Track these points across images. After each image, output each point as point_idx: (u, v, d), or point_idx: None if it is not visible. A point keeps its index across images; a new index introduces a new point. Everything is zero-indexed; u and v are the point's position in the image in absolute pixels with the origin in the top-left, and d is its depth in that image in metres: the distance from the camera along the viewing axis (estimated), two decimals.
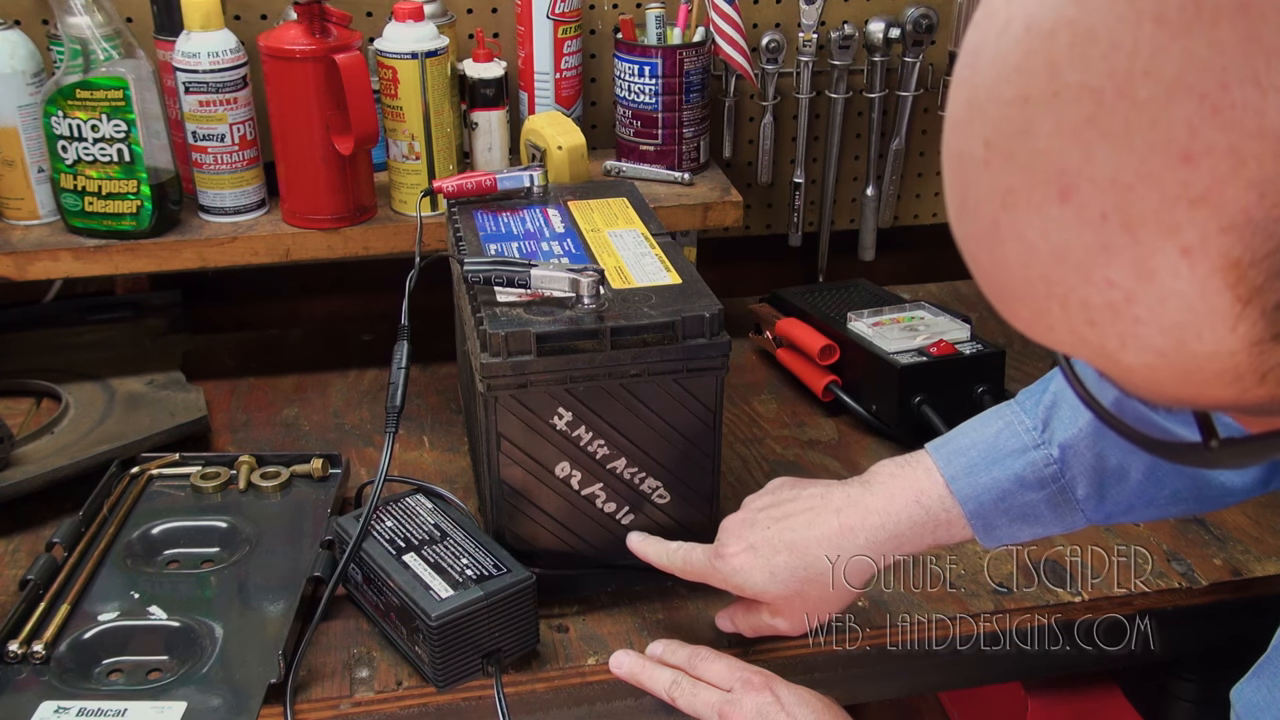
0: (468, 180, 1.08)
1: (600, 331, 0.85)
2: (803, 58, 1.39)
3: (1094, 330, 0.37)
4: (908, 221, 1.56)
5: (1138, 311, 0.35)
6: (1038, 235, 0.36)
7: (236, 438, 1.19)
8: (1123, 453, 0.77)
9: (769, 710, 0.78)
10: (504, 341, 0.84)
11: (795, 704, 0.78)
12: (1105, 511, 0.80)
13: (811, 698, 0.79)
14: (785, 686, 0.80)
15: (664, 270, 0.95)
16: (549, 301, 0.88)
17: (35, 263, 1.15)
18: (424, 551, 0.88)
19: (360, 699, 0.85)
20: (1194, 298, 0.34)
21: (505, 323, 0.85)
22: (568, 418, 0.87)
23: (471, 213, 1.05)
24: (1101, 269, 0.35)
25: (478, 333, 0.86)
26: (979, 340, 1.17)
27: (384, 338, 1.37)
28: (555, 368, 0.85)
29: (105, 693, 0.84)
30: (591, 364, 0.86)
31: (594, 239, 1.01)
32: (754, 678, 0.80)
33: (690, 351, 0.87)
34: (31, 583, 0.92)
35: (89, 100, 1.11)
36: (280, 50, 1.12)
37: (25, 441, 1.10)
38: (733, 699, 0.80)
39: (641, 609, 0.94)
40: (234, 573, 0.97)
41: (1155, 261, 0.34)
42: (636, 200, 1.10)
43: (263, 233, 1.19)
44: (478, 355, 0.86)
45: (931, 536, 0.81)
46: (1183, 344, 0.35)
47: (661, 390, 0.89)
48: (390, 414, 0.96)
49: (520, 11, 1.30)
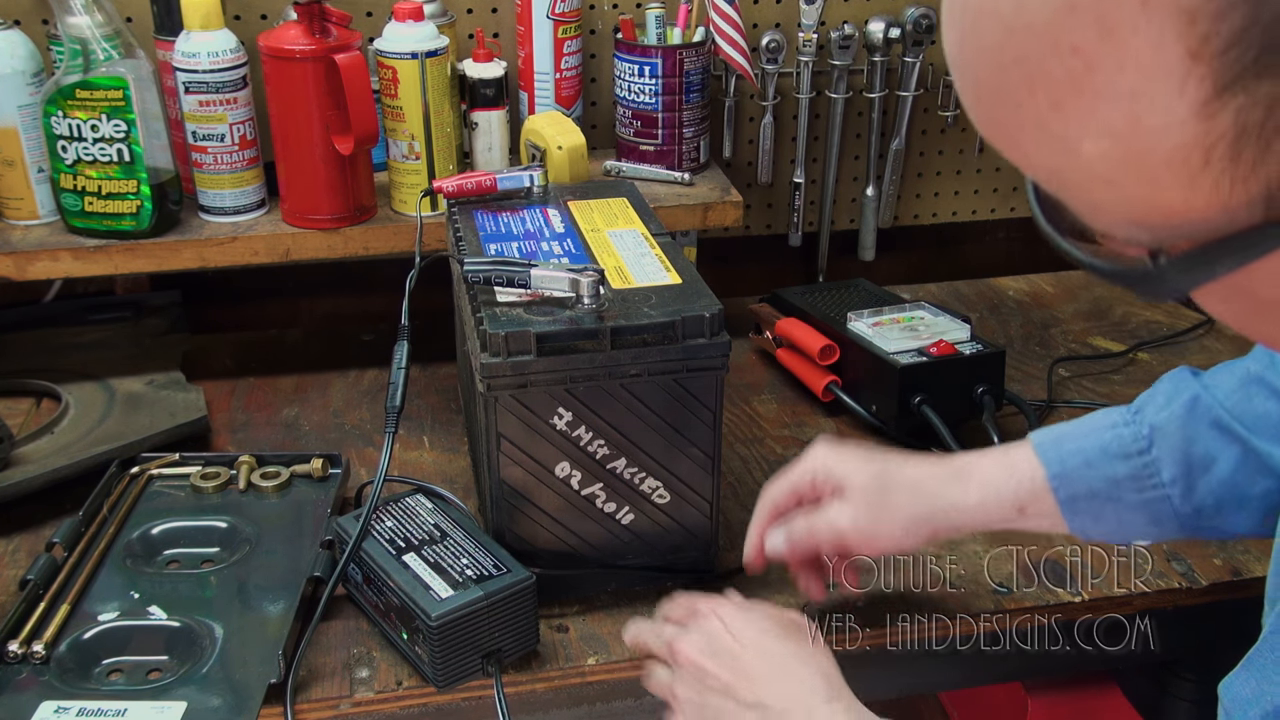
0: (468, 180, 1.08)
1: (600, 331, 0.85)
2: (803, 58, 1.39)
3: (1058, 116, 0.39)
4: (908, 221, 1.56)
5: (1098, 82, 0.37)
6: (1010, 8, 0.39)
7: (236, 438, 1.19)
8: (1210, 441, 0.77)
9: (716, 637, 0.77)
10: (504, 341, 0.84)
11: (742, 627, 0.78)
12: (1194, 504, 0.78)
13: (759, 618, 0.79)
14: (733, 611, 0.80)
15: (664, 270, 0.95)
16: (549, 301, 0.88)
17: (35, 263, 1.15)
18: (424, 551, 0.88)
19: (360, 699, 0.85)
20: (1149, 56, 0.37)
21: (505, 323, 0.85)
22: (568, 418, 0.87)
23: (471, 213, 1.05)
24: (1067, 34, 0.38)
25: (478, 333, 0.86)
26: (979, 340, 1.17)
27: (384, 338, 1.37)
28: (555, 368, 0.85)
29: (105, 693, 0.84)
30: (592, 364, 0.86)
31: (594, 239, 1.01)
32: (701, 606, 0.80)
33: (690, 351, 0.87)
34: (31, 583, 0.92)
35: (89, 100, 1.11)
36: (280, 50, 1.12)
37: (25, 441, 1.10)
38: (680, 632, 0.80)
39: (641, 609, 0.93)
40: (234, 573, 0.97)
41: (1116, 16, 0.37)
42: (636, 200, 1.10)
43: (263, 233, 1.19)
44: (478, 355, 0.86)
45: (1014, 503, 0.81)
46: (1137, 120, 0.38)
47: (661, 390, 0.88)
48: (390, 414, 0.96)
49: (520, 11, 1.30)
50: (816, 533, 0.86)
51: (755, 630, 0.78)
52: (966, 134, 1.51)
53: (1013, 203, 1.58)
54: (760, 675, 0.75)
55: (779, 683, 0.74)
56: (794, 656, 0.76)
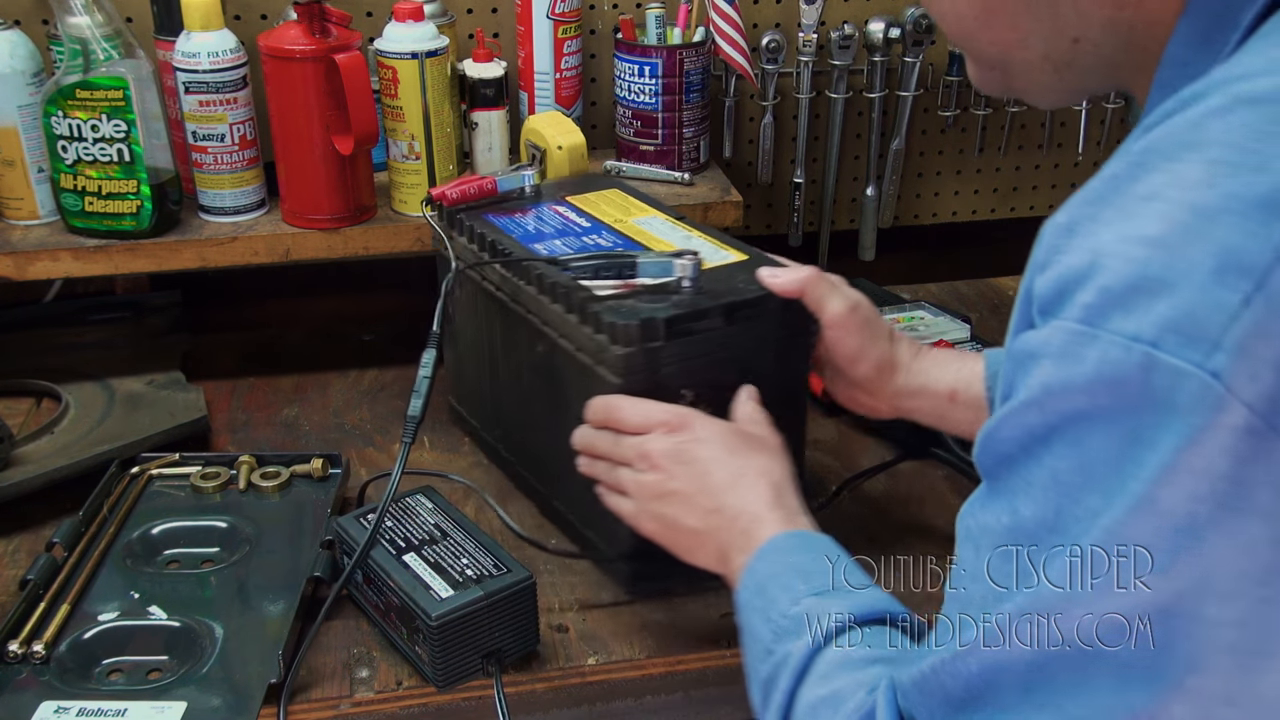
0: (470, 185, 1.07)
1: (714, 310, 0.88)
2: (803, 58, 1.39)
3: None
4: (908, 221, 1.56)
5: None
6: None
7: (236, 438, 1.19)
8: None
9: (686, 446, 0.81)
10: (638, 331, 0.85)
11: (711, 438, 0.82)
12: None
13: (728, 433, 0.83)
14: (702, 421, 0.83)
15: (721, 249, 0.97)
16: (648, 289, 0.90)
17: (35, 263, 1.15)
18: (424, 551, 0.88)
19: (360, 699, 0.85)
20: None
21: (627, 313, 0.87)
22: (690, 397, 0.89)
23: (484, 217, 1.04)
24: None
25: (605, 326, 0.87)
26: (979, 340, 1.17)
27: (384, 338, 1.38)
28: (682, 350, 0.88)
29: (105, 693, 0.84)
30: (710, 343, 0.89)
31: (628, 229, 1.02)
32: (671, 419, 0.83)
33: (791, 319, 0.91)
34: (31, 583, 0.92)
35: (89, 100, 1.11)
36: (280, 50, 1.12)
37: (25, 441, 1.10)
38: (651, 439, 0.83)
39: (641, 609, 0.94)
40: (234, 573, 0.97)
41: None
42: (630, 190, 1.11)
43: (263, 233, 1.19)
44: (605, 349, 0.87)
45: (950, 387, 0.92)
46: None
47: (767, 358, 0.91)
48: (409, 424, 0.92)
49: (520, 11, 1.30)
50: (821, 296, 0.91)
51: (719, 444, 0.81)
52: (966, 134, 1.52)
53: (1012, 203, 1.58)
54: (719, 485, 0.79)
55: (733, 493, 0.79)
56: (750, 467, 0.80)
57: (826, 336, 0.92)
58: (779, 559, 0.74)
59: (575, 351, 0.90)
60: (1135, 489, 0.44)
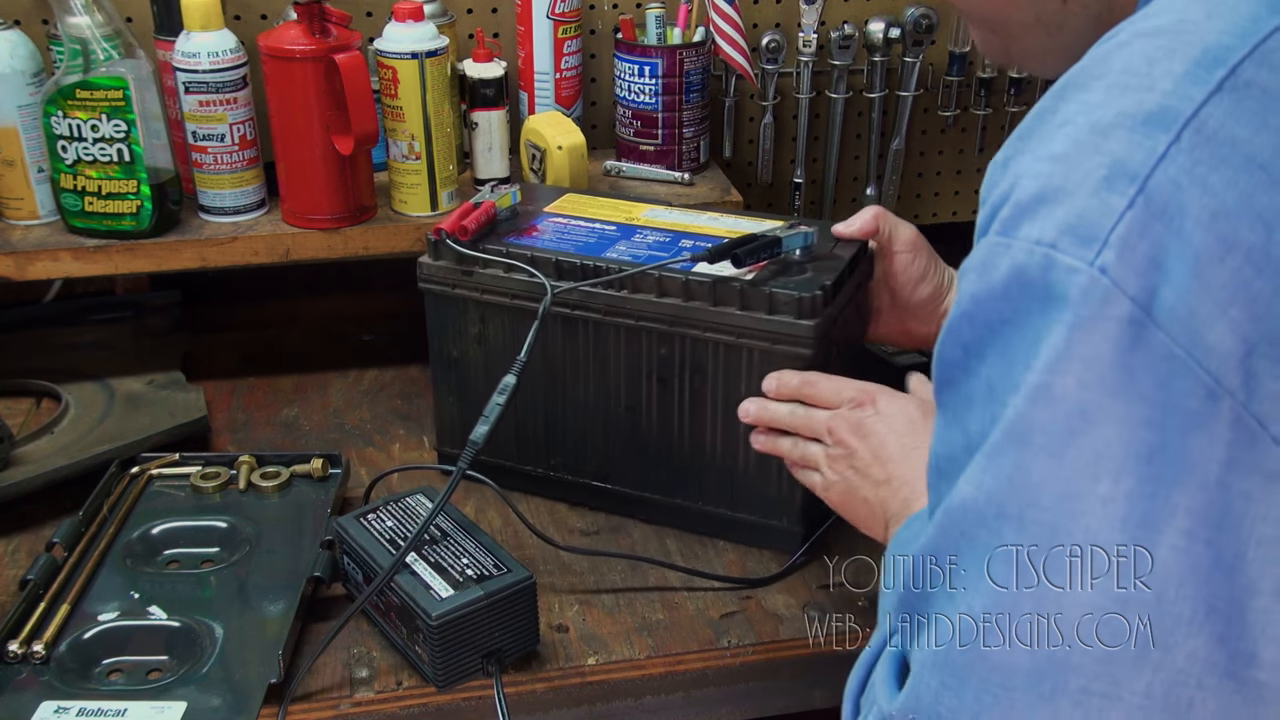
0: (483, 213, 1.03)
1: (845, 269, 0.96)
2: (803, 58, 1.39)
3: None
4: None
5: None
6: None
7: (236, 438, 1.19)
8: None
9: (868, 420, 0.86)
10: (820, 300, 0.91)
11: (892, 413, 0.86)
12: None
13: (910, 408, 0.87)
14: (887, 397, 0.87)
15: (764, 223, 1.02)
16: (772, 264, 0.96)
17: (35, 263, 1.15)
18: (424, 551, 0.88)
19: (360, 699, 0.85)
20: None
21: (799, 287, 0.92)
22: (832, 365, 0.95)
23: (504, 240, 1.01)
24: None
25: (781, 305, 0.91)
26: None
27: (384, 338, 1.38)
28: (837, 312, 0.95)
29: (105, 693, 0.84)
30: (843, 301, 0.96)
31: (654, 221, 1.05)
32: (859, 395, 0.88)
33: (867, 265, 1.01)
34: (31, 583, 0.92)
35: (89, 100, 1.11)
36: (280, 50, 1.12)
37: (25, 441, 1.10)
38: (840, 413, 0.87)
39: (641, 609, 0.94)
40: (234, 573, 0.97)
41: None
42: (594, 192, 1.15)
43: (263, 233, 1.19)
44: (789, 326, 0.91)
45: None
46: None
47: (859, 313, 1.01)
48: (469, 449, 0.89)
49: (520, 11, 1.30)
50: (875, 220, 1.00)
51: (902, 417, 0.85)
52: (966, 134, 1.52)
53: None
54: (891, 456, 0.84)
55: (904, 464, 0.83)
56: (925, 442, 0.81)
57: (898, 261, 1.00)
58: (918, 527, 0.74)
59: (736, 340, 0.94)
60: (1032, 379, 0.48)
